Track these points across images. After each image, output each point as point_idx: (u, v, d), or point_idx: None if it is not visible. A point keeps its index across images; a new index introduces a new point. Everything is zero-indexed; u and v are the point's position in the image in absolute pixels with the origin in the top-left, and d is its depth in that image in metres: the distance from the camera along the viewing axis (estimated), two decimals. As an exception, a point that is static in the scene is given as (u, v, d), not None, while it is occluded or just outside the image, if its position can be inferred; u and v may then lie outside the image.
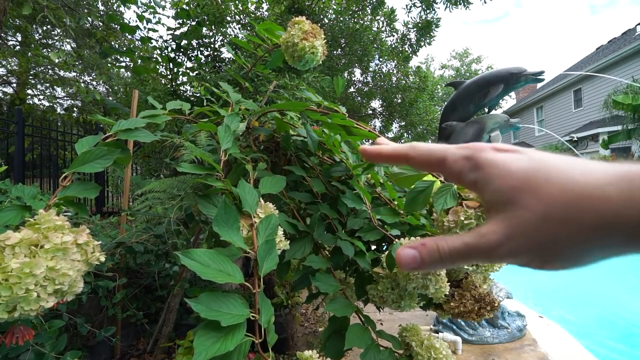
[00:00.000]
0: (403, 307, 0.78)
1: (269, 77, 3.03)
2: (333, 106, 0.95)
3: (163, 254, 1.78)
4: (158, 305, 1.96)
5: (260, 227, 0.66)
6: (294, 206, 0.95)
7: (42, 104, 9.64)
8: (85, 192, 0.62)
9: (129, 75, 7.76)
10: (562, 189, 0.21)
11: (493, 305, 0.85)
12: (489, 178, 0.23)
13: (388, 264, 0.77)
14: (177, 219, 1.56)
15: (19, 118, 4.22)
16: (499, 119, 2.34)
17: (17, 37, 7.66)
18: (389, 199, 1.01)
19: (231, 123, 0.83)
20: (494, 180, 0.23)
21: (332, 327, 0.78)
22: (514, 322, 2.41)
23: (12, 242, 0.47)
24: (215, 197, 0.75)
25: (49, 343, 1.08)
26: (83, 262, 0.54)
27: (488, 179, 0.23)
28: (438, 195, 0.65)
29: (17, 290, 0.45)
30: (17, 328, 0.80)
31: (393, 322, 2.65)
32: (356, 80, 6.97)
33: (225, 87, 1.05)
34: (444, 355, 0.72)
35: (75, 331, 1.58)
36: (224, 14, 4.23)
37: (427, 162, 0.28)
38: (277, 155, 1.14)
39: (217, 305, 0.54)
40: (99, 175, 5.05)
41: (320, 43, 0.89)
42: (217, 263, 0.57)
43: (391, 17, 6.02)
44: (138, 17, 3.45)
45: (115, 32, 5.28)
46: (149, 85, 4.01)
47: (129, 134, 0.71)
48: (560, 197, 0.21)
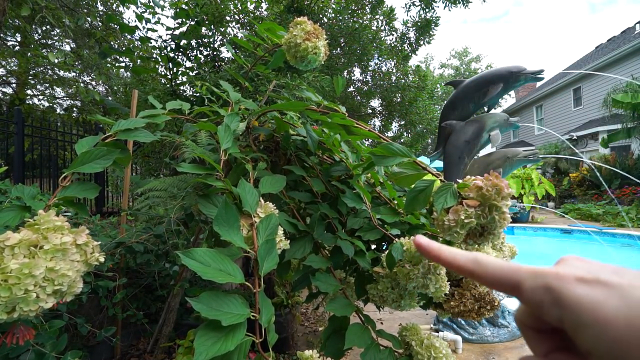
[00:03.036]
0: (403, 307, 0.78)
1: (269, 77, 3.03)
2: (333, 106, 0.95)
3: (163, 254, 1.78)
4: (158, 305, 1.96)
5: (260, 227, 0.66)
6: (294, 206, 0.95)
7: (42, 104, 9.64)
8: (85, 192, 0.62)
9: (128, 75, 7.76)
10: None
11: (493, 304, 0.85)
12: (580, 322, 0.20)
13: (388, 263, 0.77)
14: (177, 218, 1.56)
15: (18, 118, 4.22)
16: (499, 118, 2.34)
17: (17, 38, 7.66)
18: (389, 199, 1.01)
19: (231, 123, 0.83)
20: (589, 327, 0.20)
21: (332, 327, 0.78)
22: (514, 321, 2.41)
23: (12, 243, 0.47)
24: (216, 196, 0.75)
25: (49, 343, 1.08)
26: (82, 262, 0.54)
27: (579, 323, 0.20)
28: (438, 195, 0.65)
29: (16, 291, 0.45)
30: (18, 328, 0.80)
31: (393, 321, 2.65)
32: (356, 79, 6.97)
33: (226, 86, 1.05)
34: (444, 355, 0.72)
35: (75, 331, 1.58)
36: (223, 14, 4.23)
37: (496, 284, 0.25)
38: (277, 155, 1.14)
39: (217, 305, 0.54)
40: (99, 175, 5.05)
41: (322, 43, 0.89)
42: (217, 263, 0.57)
43: (390, 16, 6.01)
44: (137, 17, 3.45)
45: (115, 32, 5.28)
46: (149, 85, 4.01)
47: (129, 134, 0.71)
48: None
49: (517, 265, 0.24)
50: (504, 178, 0.62)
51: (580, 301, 0.20)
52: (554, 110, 16.31)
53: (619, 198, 9.40)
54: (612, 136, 10.37)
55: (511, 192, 0.62)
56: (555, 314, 0.21)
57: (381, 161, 0.73)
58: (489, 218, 0.61)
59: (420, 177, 0.74)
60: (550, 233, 7.68)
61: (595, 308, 0.20)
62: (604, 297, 0.20)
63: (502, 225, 0.63)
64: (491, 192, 0.61)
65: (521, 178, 8.80)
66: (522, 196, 8.70)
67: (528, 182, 8.77)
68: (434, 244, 0.30)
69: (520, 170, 8.87)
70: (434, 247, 0.29)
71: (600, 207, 9.11)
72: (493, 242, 0.65)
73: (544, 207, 10.60)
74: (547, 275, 0.22)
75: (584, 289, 0.21)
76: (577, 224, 7.71)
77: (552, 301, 0.21)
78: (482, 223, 0.62)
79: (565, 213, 9.48)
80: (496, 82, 2.29)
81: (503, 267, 0.24)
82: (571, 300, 0.21)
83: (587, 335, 0.20)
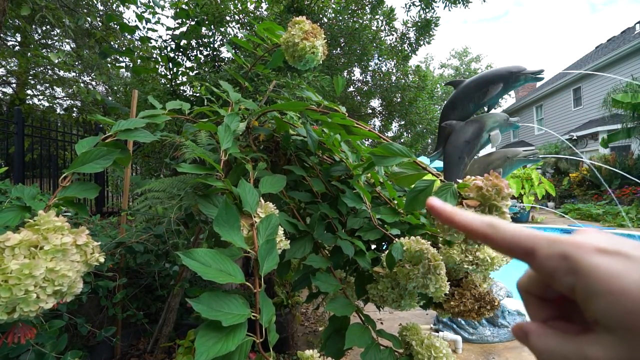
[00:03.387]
0: (403, 307, 0.78)
1: (269, 77, 3.03)
2: (333, 106, 0.95)
3: (163, 254, 1.78)
4: (158, 305, 1.96)
5: (260, 227, 0.66)
6: (294, 206, 0.95)
7: (42, 104, 9.64)
8: (85, 192, 0.62)
9: (128, 75, 7.76)
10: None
11: (493, 304, 0.86)
12: (594, 291, 0.20)
13: (388, 263, 0.77)
14: (177, 218, 1.56)
15: (18, 118, 4.22)
16: (499, 118, 2.34)
17: (17, 38, 7.66)
18: (389, 199, 1.01)
19: (231, 123, 0.83)
20: (602, 296, 0.20)
21: (333, 327, 0.78)
22: (514, 320, 2.41)
23: (12, 244, 0.47)
24: (216, 197, 0.75)
25: (49, 343, 1.08)
26: (82, 263, 0.54)
27: (592, 292, 0.20)
28: (438, 195, 0.65)
29: (16, 291, 0.45)
30: (19, 327, 0.80)
31: (393, 321, 2.65)
32: (355, 79, 6.96)
33: (225, 86, 1.05)
34: (444, 354, 0.72)
35: (75, 331, 1.58)
36: (223, 14, 4.23)
37: (510, 249, 0.24)
38: (277, 155, 1.14)
39: (218, 305, 0.54)
40: (99, 175, 5.05)
41: (320, 43, 0.89)
42: (217, 263, 0.57)
43: (390, 16, 6.01)
44: (137, 17, 3.45)
45: (115, 32, 5.28)
46: (149, 85, 4.00)
47: (129, 134, 0.71)
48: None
49: (534, 231, 0.24)
50: (504, 178, 0.62)
51: (597, 270, 0.20)
52: (554, 110, 16.31)
53: (619, 198, 9.41)
54: (612, 136, 10.37)
55: (511, 192, 0.62)
56: (568, 282, 0.21)
57: (381, 161, 0.73)
58: (489, 218, 0.61)
59: (420, 177, 0.74)
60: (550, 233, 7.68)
61: (612, 278, 0.19)
62: (623, 269, 0.20)
63: (502, 225, 0.62)
64: (491, 192, 0.61)
65: (521, 178, 8.80)
66: (522, 196, 8.70)
67: (528, 182, 8.77)
68: (447, 206, 0.28)
69: (520, 170, 8.87)
70: (447, 209, 0.28)
71: (600, 207, 9.11)
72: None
73: (544, 207, 10.60)
74: (565, 243, 0.22)
75: (604, 259, 0.20)
76: (577, 224, 7.72)
77: (567, 269, 0.21)
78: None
79: (565, 213, 9.49)
80: (496, 82, 2.30)
81: (519, 232, 0.24)
82: (588, 269, 0.20)
83: (599, 305, 0.20)
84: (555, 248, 0.22)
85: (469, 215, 0.27)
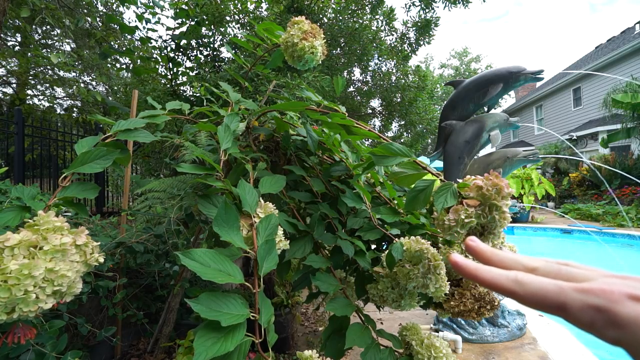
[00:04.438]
0: (403, 307, 0.78)
1: (268, 77, 3.03)
2: (333, 106, 0.95)
3: (163, 254, 1.78)
4: (158, 305, 1.96)
5: (260, 227, 0.66)
6: (294, 206, 0.95)
7: (42, 104, 9.63)
8: (85, 192, 0.62)
9: (128, 76, 7.75)
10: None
11: (493, 304, 0.85)
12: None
13: (388, 263, 0.77)
14: (177, 218, 1.56)
15: (18, 118, 4.22)
16: (499, 118, 2.34)
17: (17, 38, 7.66)
18: (389, 198, 1.01)
19: (231, 123, 0.83)
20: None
21: (333, 327, 0.78)
22: (514, 320, 2.41)
23: (11, 244, 0.47)
24: (215, 197, 0.75)
25: (49, 343, 1.08)
26: (82, 263, 0.54)
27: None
28: (438, 194, 0.65)
29: (16, 291, 0.45)
30: (19, 327, 0.80)
31: (393, 321, 2.65)
32: (355, 79, 6.96)
33: (225, 86, 1.05)
34: (444, 354, 0.72)
35: (75, 331, 1.58)
36: (223, 14, 4.23)
37: (539, 305, 0.24)
38: (277, 155, 1.14)
39: (217, 306, 0.54)
40: (99, 175, 5.05)
41: (319, 43, 0.89)
42: (217, 263, 0.57)
43: (390, 16, 6.01)
44: (137, 17, 3.45)
45: (115, 32, 5.28)
46: (149, 85, 4.00)
47: (129, 135, 0.71)
48: None
49: (558, 284, 0.23)
50: (504, 178, 0.62)
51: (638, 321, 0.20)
52: (553, 110, 16.31)
53: (619, 198, 9.41)
54: (611, 136, 10.37)
55: (511, 192, 0.62)
56: (612, 335, 0.21)
57: (381, 161, 0.73)
58: (489, 218, 0.61)
59: (420, 177, 0.73)
60: (550, 233, 7.69)
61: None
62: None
63: (502, 224, 0.63)
64: (491, 191, 0.60)
65: (521, 178, 8.80)
66: (522, 196, 8.70)
67: (528, 182, 8.77)
68: (470, 264, 0.28)
69: (520, 170, 8.87)
70: (471, 267, 0.28)
71: (600, 207, 9.11)
72: (493, 241, 0.65)
73: (544, 207, 10.60)
74: (595, 293, 0.22)
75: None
76: (577, 224, 7.72)
77: (606, 322, 0.21)
78: (482, 223, 0.62)
79: (565, 213, 9.48)
80: (496, 82, 2.30)
81: (545, 286, 0.24)
82: (629, 321, 0.20)
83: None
84: (586, 301, 0.22)
85: (494, 271, 0.27)
